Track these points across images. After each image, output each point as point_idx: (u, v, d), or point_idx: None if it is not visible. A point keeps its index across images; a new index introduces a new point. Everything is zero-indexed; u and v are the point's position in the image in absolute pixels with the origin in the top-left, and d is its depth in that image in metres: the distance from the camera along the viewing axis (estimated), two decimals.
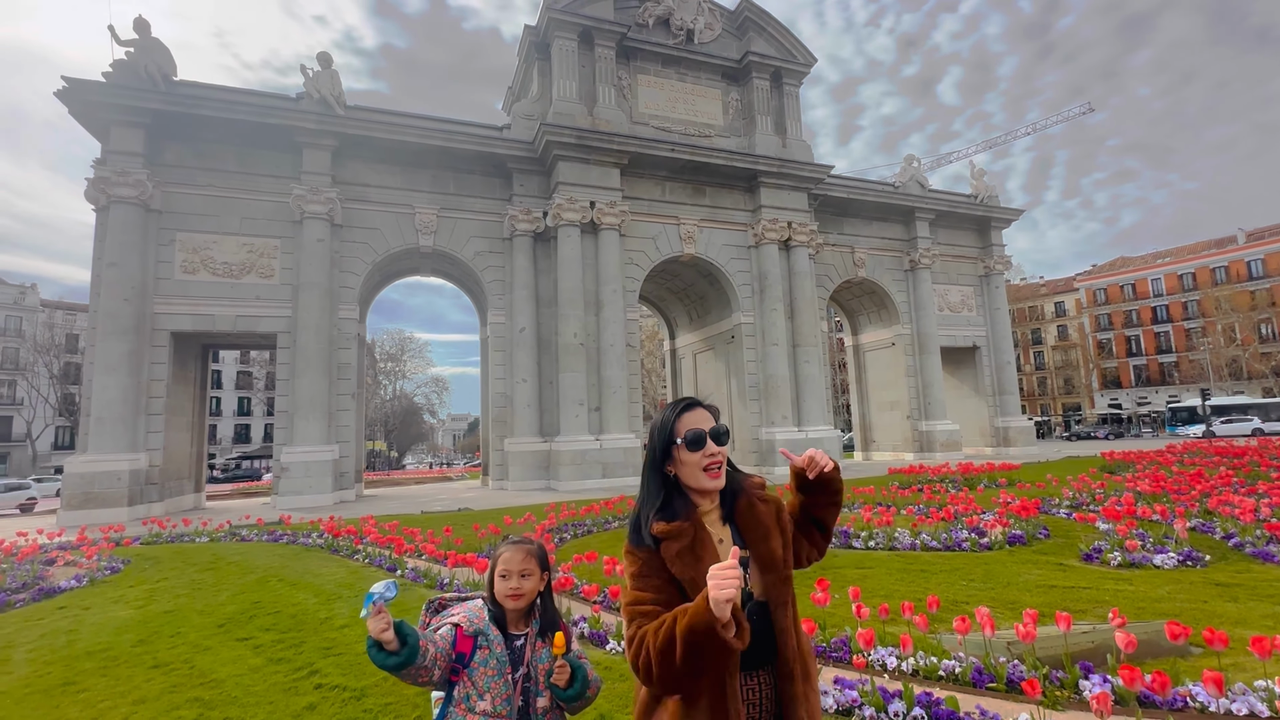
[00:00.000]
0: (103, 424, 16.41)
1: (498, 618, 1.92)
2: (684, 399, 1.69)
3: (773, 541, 1.60)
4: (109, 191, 17.15)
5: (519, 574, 1.91)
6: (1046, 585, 5.83)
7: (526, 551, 1.95)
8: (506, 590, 1.89)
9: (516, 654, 1.88)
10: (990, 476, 14.87)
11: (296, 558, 8.75)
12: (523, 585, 1.90)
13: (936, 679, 3.77)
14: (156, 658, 4.65)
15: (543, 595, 1.99)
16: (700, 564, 1.51)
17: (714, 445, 1.59)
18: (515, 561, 1.92)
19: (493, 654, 1.84)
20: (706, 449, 1.58)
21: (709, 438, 1.59)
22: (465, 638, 1.86)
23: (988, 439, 29.74)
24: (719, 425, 1.63)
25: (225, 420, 64.96)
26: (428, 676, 1.75)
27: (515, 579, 1.90)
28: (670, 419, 1.64)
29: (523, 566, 1.91)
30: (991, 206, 30.58)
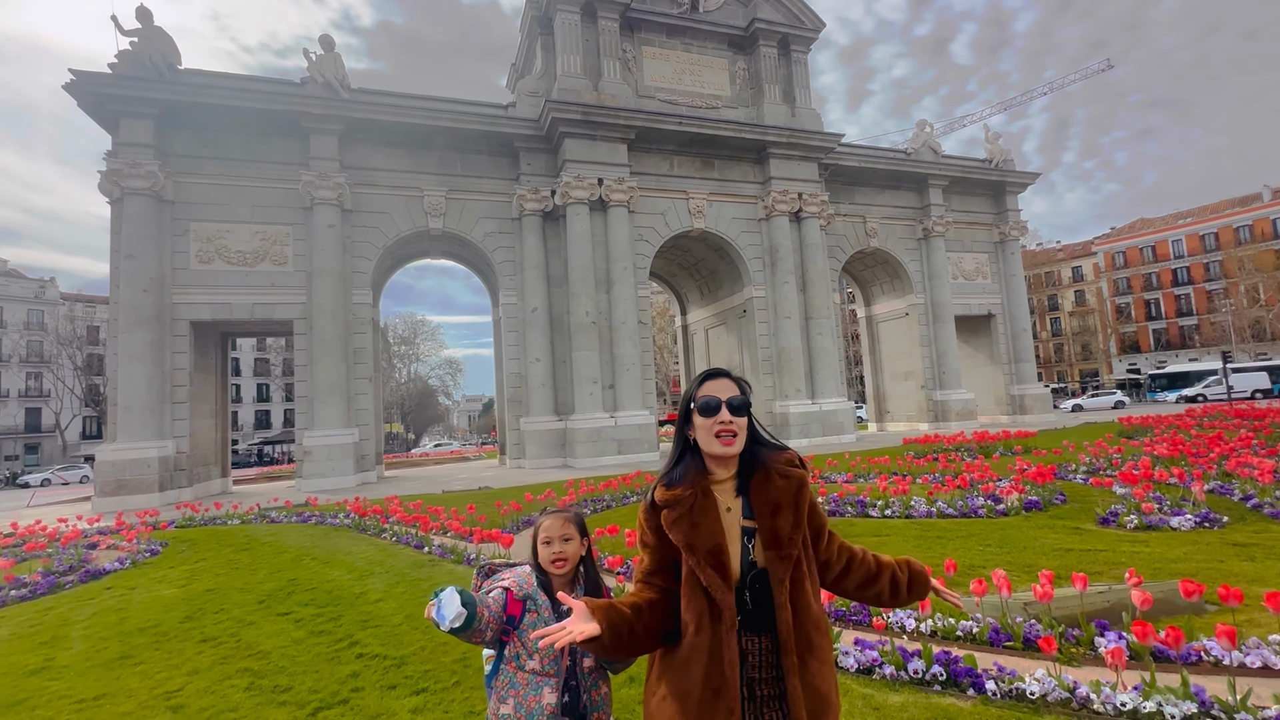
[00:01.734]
0: (130, 413, 16.83)
1: (544, 584, 2.01)
2: (711, 369, 1.74)
3: (779, 518, 1.60)
4: (122, 184, 17.32)
5: (561, 538, 2.00)
6: (1063, 549, 5.91)
7: (565, 518, 2.05)
8: (550, 555, 1.99)
9: (563, 618, 1.92)
10: (1006, 444, 14.87)
11: (326, 537, 9.04)
12: (565, 549, 2.00)
13: (954, 639, 3.88)
14: (204, 632, 4.90)
15: (584, 561, 2.08)
16: (696, 530, 1.58)
17: (727, 413, 1.62)
18: (556, 528, 2.01)
19: (541, 617, 1.94)
20: (719, 415, 1.62)
21: (724, 405, 1.63)
22: (515, 601, 1.95)
23: (1003, 407, 29.60)
24: (737, 396, 1.65)
25: (245, 407, 66.12)
26: (480, 637, 1.87)
27: (558, 544, 2.00)
28: (694, 386, 1.71)
29: (563, 532, 2.01)
30: (1006, 171, 29.96)
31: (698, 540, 1.57)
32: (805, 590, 1.60)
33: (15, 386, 54.70)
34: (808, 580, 1.62)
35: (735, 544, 1.60)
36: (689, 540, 1.58)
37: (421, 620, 4.82)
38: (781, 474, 1.65)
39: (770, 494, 1.62)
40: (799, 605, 1.58)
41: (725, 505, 1.65)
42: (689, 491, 1.63)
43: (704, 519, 1.60)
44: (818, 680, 1.55)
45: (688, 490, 1.63)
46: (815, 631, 1.59)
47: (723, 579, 1.55)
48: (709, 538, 1.58)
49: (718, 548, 1.57)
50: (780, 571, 1.57)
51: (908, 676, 3.39)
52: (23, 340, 55.13)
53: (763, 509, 1.61)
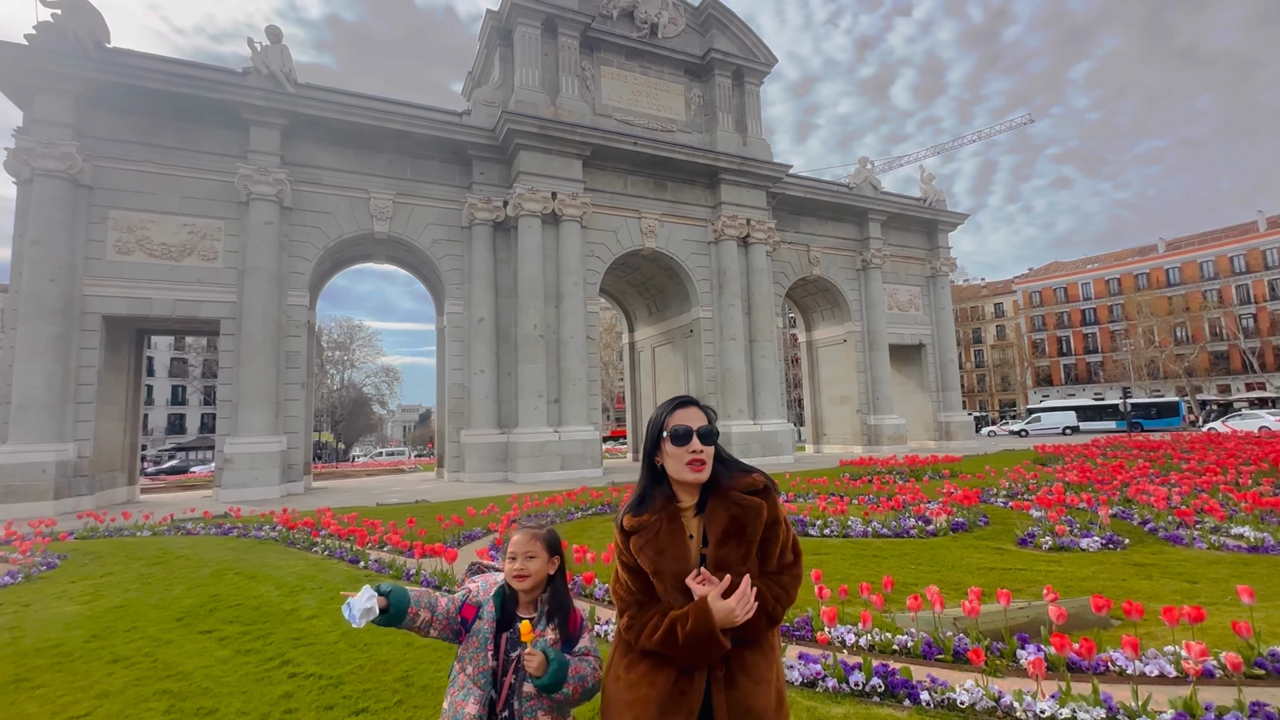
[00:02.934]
0: (25, 413, 15.39)
1: (509, 596, 1.98)
2: (680, 397, 1.80)
3: (725, 548, 1.63)
4: (33, 164, 16.01)
5: (525, 555, 1.94)
6: (987, 567, 6.28)
7: (532, 534, 1.98)
8: (512, 571, 1.94)
9: (501, 633, 1.92)
10: (934, 468, 15.67)
11: (251, 550, 8.51)
12: (527, 567, 1.93)
13: (891, 653, 4.06)
14: (114, 652, 4.52)
15: (553, 579, 2.01)
16: (663, 556, 1.64)
17: (698, 442, 1.67)
18: (521, 544, 1.95)
19: (482, 628, 1.92)
20: (691, 444, 1.67)
21: (695, 435, 1.68)
22: (471, 605, 1.96)
23: (931, 433, 31.16)
24: (708, 425, 1.71)
25: (158, 410, 61.55)
26: (423, 633, 1.90)
27: (521, 560, 1.93)
28: (664, 414, 1.76)
29: (528, 549, 1.94)
30: (939, 210, 31.91)
31: (664, 566, 1.64)
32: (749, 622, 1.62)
33: None
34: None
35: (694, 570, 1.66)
36: (655, 566, 1.65)
37: (360, 637, 4.63)
38: (736, 501, 1.67)
39: (720, 521, 1.66)
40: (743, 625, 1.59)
41: (689, 532, 1.70)
42: (655, 518, 1.69)
43: (670, 544, 1.66)
44: (749, 698, 1.57)
45: (654, 516, 1.69)
46: (751, 651, 1.61)
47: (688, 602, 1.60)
48: (674, 563, 1.64)
49: (683, 573, 1.63)
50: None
51: (849, 688, 3.53)
52: None
53: (711, 537, 1.66)
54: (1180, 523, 7.59)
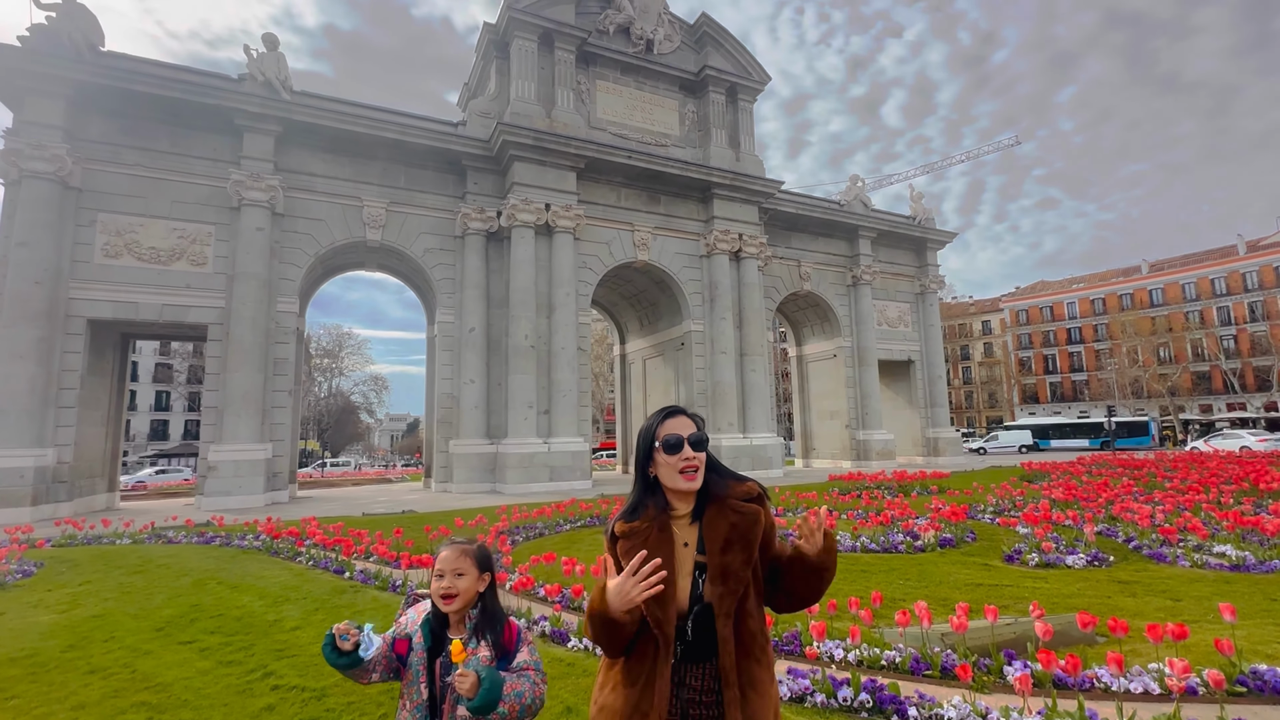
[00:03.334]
0: (5, 416, 15.11)
1: (437, 619, 1.86)
2: (669, 407, 1.82)
3: (729, 554, 1.63)
4: (21, 165, 15.87)
5: (453, 572, 1.83)
6: (974, 583, 6.31)
7: (461, 550, 1.87)
8: (439, 590, 1.82)
9: (435, 660, 1.81)
10: (922, 484, 15.75)
11: (233, 560, 8.38)
12: (456, 584, 1.82)
13: (880, 668, 4.07)
14: (91, 663, 4.42)
15: (484, 596, 1.89)
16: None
17: (690, 450, 1.69)
18: (449, 561, 1.84)
19: (414, 659, 1.81)
20: (683, 453, 1.69)
21: (686, 443, 1.70)
22: (402, 639, 1.85)
23: (919, 448, 31.33)
24: (698, 433, 1.73)
25: (141, 415, 60.64)
26: (367, 678, 1.78)
27: (449, 578, 1.83)
28: (654, 424, 1.78)
29: (456, 565, 1.83)
30: (928, 228, 32.34)
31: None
32: (750, 624, 1.64)
33: None
34: (754, 614, 1.66)
35: (686, 578, 1.66)
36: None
37: None
38: (735, 509, 1.68)
39: (721, 529, 1.66)
40: (744, 639, 1.62)
41: (683, 540, 1.70)
42: (646, 525, 1.70)
43: (656, 552, 1.64)
44: (758, 714, 1.59)
45: (645, 524, 1.70)
46: (757, 665, 1.62)
47: (664, 614, 1.60)
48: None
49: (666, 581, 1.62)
50: (725, 605, 1.60)
51: (837, 704, 3.53)
52: None
53: (713, 544, 1.65)
54: (1164, 541, 7.68)
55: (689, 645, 1.62)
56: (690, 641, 1.62)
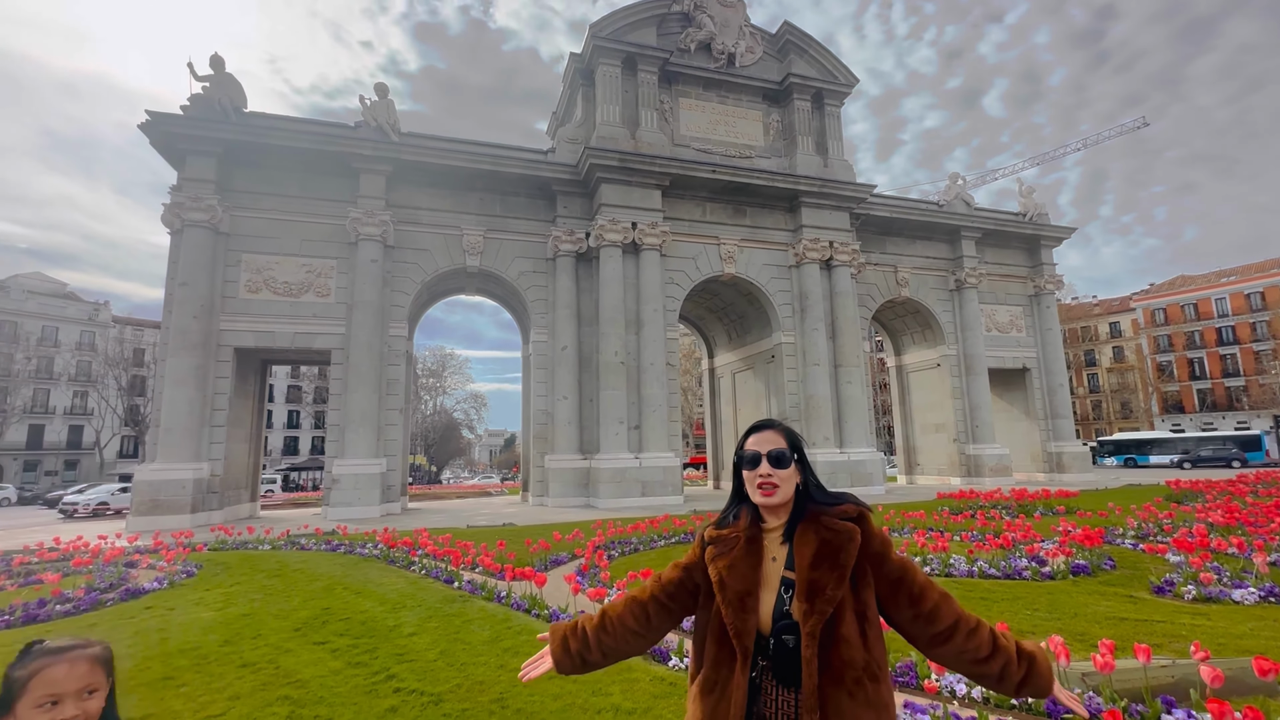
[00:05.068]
0: (171, 434, 17.32)
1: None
2: (760, 421, 1.81)
3: (818, 571, 1.56)
4: (183, 216, 18.29)
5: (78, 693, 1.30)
6: (1117, 617, 5.65)
7: (91, 658, 1.34)
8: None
9: None
10: (1047, 504, 14.37)
11: (356, 567, 9.08)
12: (87, 709, 1.29)
13: (1009, 707, 3.72)
14: (243, 657, 4.93)
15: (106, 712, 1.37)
16: (732, 571, 1.62)
17: (767, 466, 1.67)
18: (73, 679, 1.29)
19: None
20: (760, 469, 1.68)
21: (765, 459, 1.68)
22: None
23: (1039, 464, 28.67)
24: (778, 448, 1.70)
25: (275, 432, 67.39)
26: None
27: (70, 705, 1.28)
28: (743, 437, 1.78)
29: (86, 683, 1.31)
30: (1041, 224, 29.83)
31: (730, 581, 1.61)
32: (844, 652, 1.51)
33: (61, 404, 56.77)
34: (853, 642, 1.53)
35: (771, 593, 1.60)
36: (721, 578, 1.63)
37: (457, 657, 4.80)
38: (829, 526, 1.63)
39: (811, 546, 1.60)
40: (834, 665, 1.50)
41: (771, 554, 1.66)
42: (735, 535, 1.69)
43: (742, 563, 1.63)
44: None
45: (734, 533, 1.70)
46: (851, 700, 1.48)
47: (743, 625, 1.56)
48: (740, 581, 1.61)
49: (746, 593, 1.59)
50: (810, 625, 1.51)
51: None
52: (73, 360, 57.47)
53: (801, 560, 1.60)
54: None
55: (774, 665, 1.53)
56: (773, 660, 1.53)
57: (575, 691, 4.07)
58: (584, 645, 1.77)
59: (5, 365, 52.71)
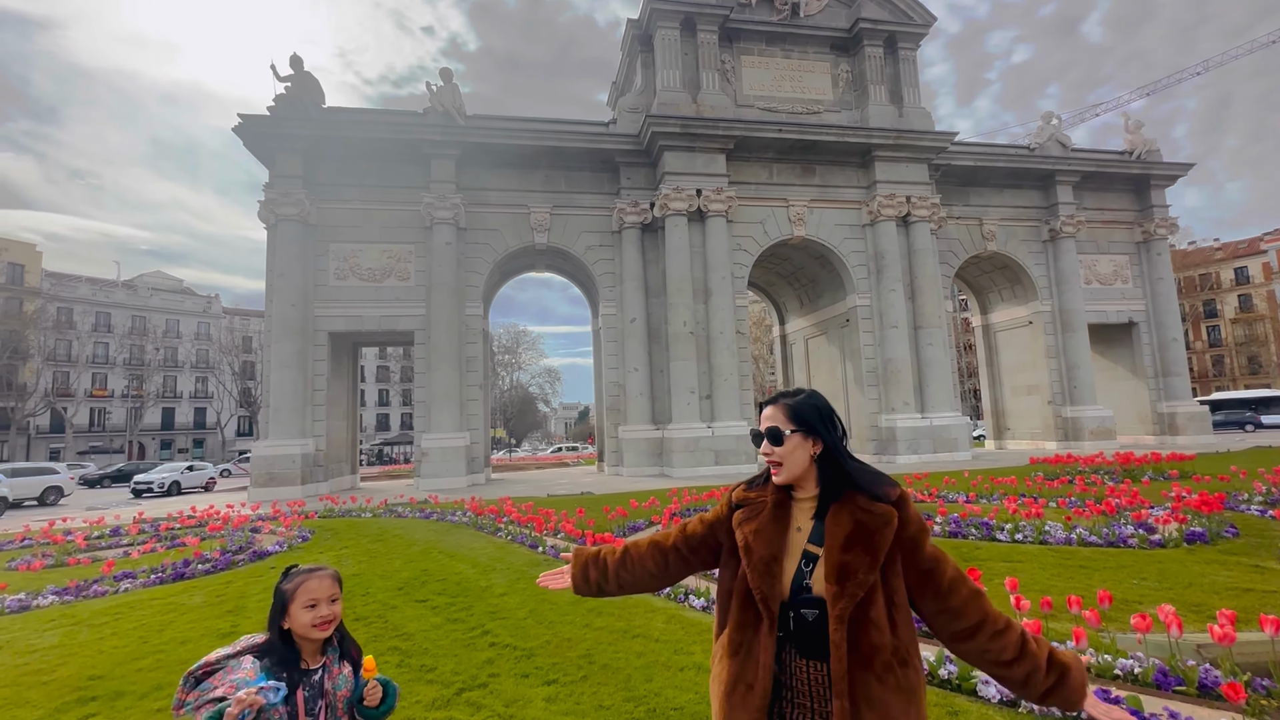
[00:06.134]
0: (279, 414, 18.94)
1: (286, 657, 1.77)
2: (770, 395, 1.77)
3: (849, 554, 1.51)
4: (276, 211, 19.63)
5: (328, 600, 1.82)
6: (1239, 588, 5.21)
7: (331, 576, 1.87)
8: (316, 619, 1.78)
9: (315, 687, 1.78)
10: (1157, 468, 13.27)
11: (448, 533, 9.71)
12: (334, 611, 1.83)
13: (1112, 678, 3.55)
14: (356, 612, 5.44)
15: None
16: (758, 536, 1.62)
17: (767, 444, 1.67)
18: (324, 590, 1.82)
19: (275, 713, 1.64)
20: (762, 447, 1.69)
21: (764, 437, 1.69)
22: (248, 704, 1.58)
23: (1148, 426, 26.42)
24: (776, 425, 1.66)
25: (368, 410, 72.23)
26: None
27: (325, 606, 1.81)
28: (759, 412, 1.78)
29: (330, 592, 1.83)
30: (1151, 163, 26.91)
31: (755, 545, 1.61)
32: (871, 635, 1.49)
33: (187, 389, 63.19)
34: (882, 627, 1.51)
35: (793, 562, 1.59)
36: (747, 542, 1.63)
37: (546, 615, 5.08)
38: (865, 507, 1.57)
39: (844, 526, 1.56)
40: (863, 649, 1.48)
41: (797, 524, 1.64)
42: (763, 499, 1.69)
43: (767, 528, 1.63)
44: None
45: (762, 497, 1.70)
46: (880, 684, 1.46)
47: (770, 589, 1.56)
48: (765, 546, 1.60)
49: (771, 558, 1.59)
50: (839, 608, 1.49)
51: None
52: (193, 349, 63.62)
53: (833, 541, 1.55)
54: None
55: (797, 638, 1.54)
56: (797, 634, 1.54)
57: (658, 650, 4.23)
58: (603, 576, 1.89)
59: (139, 355, 59.10)
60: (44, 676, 4.29)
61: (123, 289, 61.37)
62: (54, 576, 7.67)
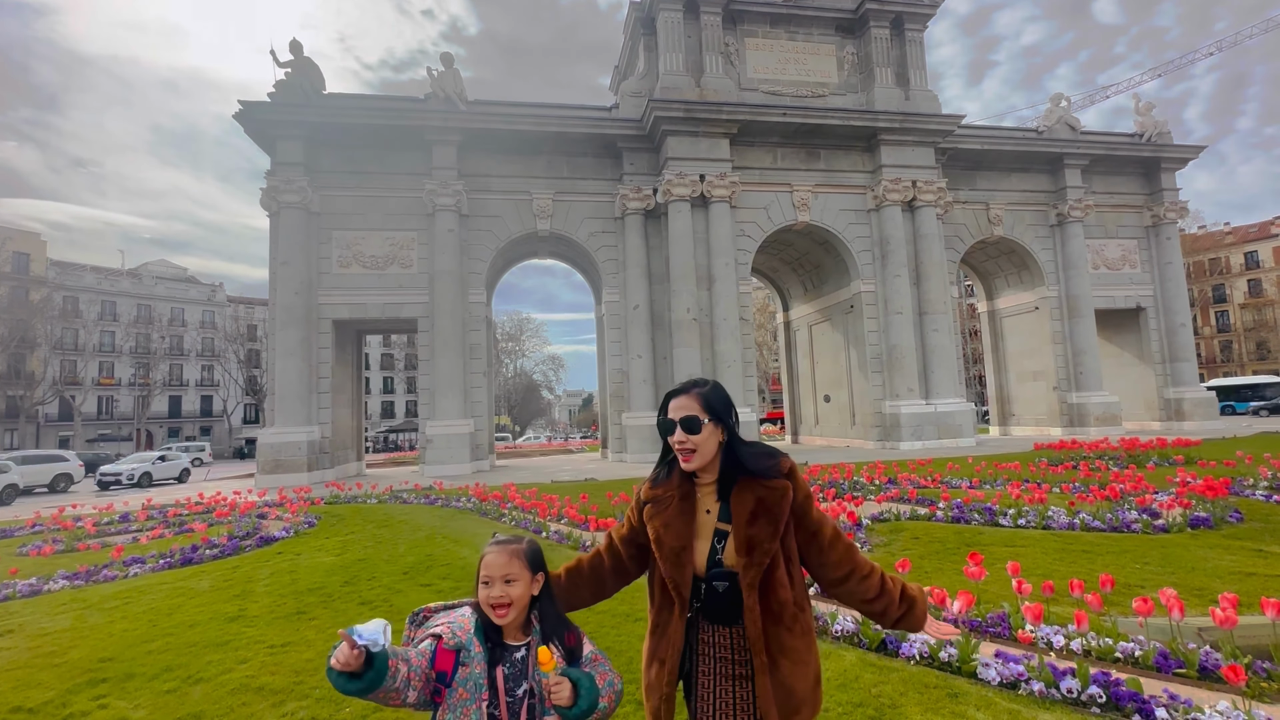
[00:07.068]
0: (285, 401, 19.03)
1: (488, 628, 1.64)
2: (678, 385, 1.84)
3: (754, 527, 1.67)
4: (278, 199, 19.57)
5: (502, 579, 1.61)
6: (1242, 572, 5.21)
7: (511, 552, 1.65)
8: (489, 600, 1.61)
9: (518, 667, 1.61)
10: (1162, 453, 13.25)
11: (453, 519, 9.78)
12: (508, 592, 1.60)
13: (1112, 660, 3.56)
14: (362, 596, 5.50)
15: (540, 599, 1.70)
16: (668, 529, 1.73)
17: (681, 433, 1.72)
18: (497, 565, 1.62)
19: (472, 673, 1.56)
20: (675, 436, 1.74)
21: (678, 426, 1.73)
22: (446, 652, 1.57)
23: (1155, 412, 26.31)
24: (690, 415, 1.73)
25: (373, 397, 72.52)
26: (400, 698, 1.49)
27: (498, 586, 1.60)
28: (663, 402, 1.82)
29: (506, 570, 1.62)
30: (1161, 145, 26.53)
31: (666, 538, 1.73)
32: (779, 594, 1.68)
33: (193, 377, 63.51)
34: (784, 584, 1.69)
35: (705, 542, 1.74)
36: (658, 536, 1.75)
37: None
38: (765, 484, 1.71)
39: (748, 504, 1.70)
40: (770, 608, 1.67)
41: (705, 507, 1.77)
42: (669, 493, 1.79)
43: (676, 520, 1.74)
44: (791, 679, 1.65)
45: (668, 492, 1.79)
46: (789, 634, 1.67)
47: (680, 577, 1.70)
48: (676, 538, 1.72)
49: (682, 548, 1.71)
50: (750, 576, 1.65)
51: (1060, 695, 3.16)
52: (199, 337, 63.86)
53: (739, 516, 1.69)
54: None
55: (708, 607, 1.71)
56: (706, 603, 1.71)
57: None
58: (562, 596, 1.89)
59: (145, 344, 59.38)
60: (56, 659, 4.36)
61: (128, 278, 61.50)
62: (64, 561, 7.78)
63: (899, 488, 10.13)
